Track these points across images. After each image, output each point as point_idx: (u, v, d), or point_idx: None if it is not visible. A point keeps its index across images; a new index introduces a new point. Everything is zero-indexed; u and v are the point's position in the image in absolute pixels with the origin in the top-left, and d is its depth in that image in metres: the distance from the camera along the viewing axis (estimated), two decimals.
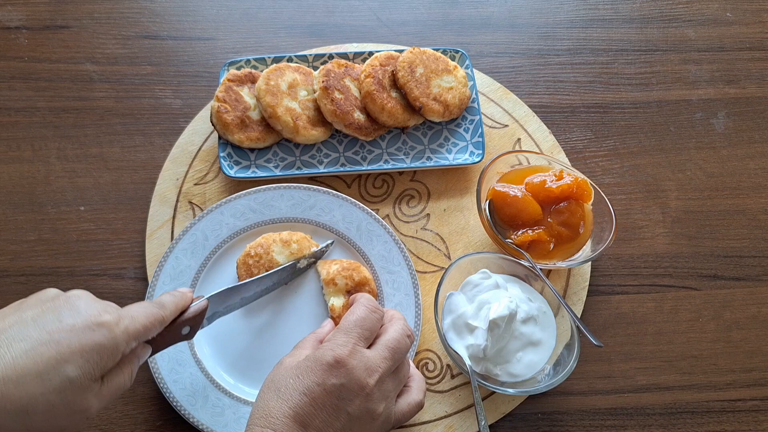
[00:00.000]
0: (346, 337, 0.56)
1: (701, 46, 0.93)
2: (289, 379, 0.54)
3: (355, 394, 0.53)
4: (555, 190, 0.72)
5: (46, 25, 0.90)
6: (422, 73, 0.81)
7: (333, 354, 0.54)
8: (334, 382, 0.53)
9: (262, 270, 0.71)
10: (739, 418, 0.72)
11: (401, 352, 0.58)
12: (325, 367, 0.53)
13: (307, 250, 0.72)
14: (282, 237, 0.73)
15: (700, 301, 0.78)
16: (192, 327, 0.59)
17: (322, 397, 0.52)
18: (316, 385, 0.53)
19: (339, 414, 0.53)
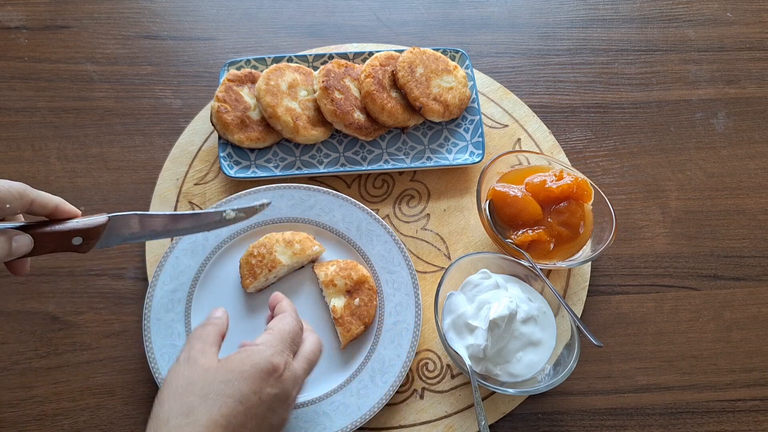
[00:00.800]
0: (281, 346, 0.55)
1: (701, 46, 0.93)
2: (218, 384, 0.51)
3: (282, 405, 0.54)
4: (555, 190, 0.72)
5: (46, 25, 0.90)
6: (422, 73, 0.81)
7: (272, 363, 0.53)
8: (269, 391, 0.52)
9: (264, 270, 0.70)
10: (739, 418, 0.72)
11: (315, 364, 0.59)
12: (264, 375, 0.52)
13: (310, 250, 0.72)
14: (285, 237, 0.72)
15: (700, 301, 0.78)
16: (85, 239, 0.59)
17: (256, 407, 0.51)
18: (252, 393, 0.51)
19: (263, 422, 0.52)
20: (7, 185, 0.54)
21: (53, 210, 0.59)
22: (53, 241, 0.58)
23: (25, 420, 0.69)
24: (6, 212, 0.55)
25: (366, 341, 0.71)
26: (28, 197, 0.56)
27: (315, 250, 0.72)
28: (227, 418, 0.49)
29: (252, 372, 0.52)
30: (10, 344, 0.73)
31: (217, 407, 0.49)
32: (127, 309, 0.74)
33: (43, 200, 0.58)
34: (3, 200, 0.54)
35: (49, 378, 0.71)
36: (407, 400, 0.71)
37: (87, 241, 0.59)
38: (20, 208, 0.56)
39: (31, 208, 0.58)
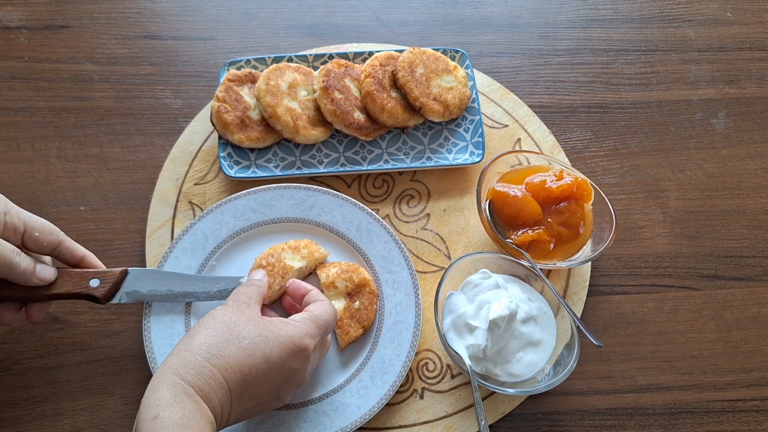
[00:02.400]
0: (317, 331, 0.59)
1: (701, 46, 0.93)
2: (255, 335, 0.54)
3: (297, 381, 0.58)
4: (555, 190, 0.72)
5: (46, 25, 0.90)
6: (422, 73, 0.81)
7: (305, 343, 0.57)
8: (293, 365, 0.56)
9: (277, 278, 0.69)
10: (739, 418, 0.72)
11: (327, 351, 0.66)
12: (296, 349, 0.56)
13: (317, 253, 0.72)
14: (289, 245, 0.72)
15: (700, 301, 0.78)
16: (102, 281, 0.63)
17: (278, 373, 0.54)
18: (279, 359, 0.54)
19: (274, 391, 0.55)
20: (41, 220, 0.61)
21: (80, 259, 0.64)
22: (71, 279, 0.63)
23: (24, 420, 0.69)
24: (34, 243, 0.61)
25: (366, 341, 0.71)
26: (57, 236, 0.62)
27: (322, 252, 0.73)
28: (250, 368, 0.52)
29: (287, 341, 0.55)
30: (10, 344, 0.72)
31: (245, 354, 0.53)
32: (127, 309, 0.74)
33: (71, 245, 0.64)
34: (33, 228, 0.60)
35: (48, 378, 0.71)
36: (407, 400, 0.71)
37: (104, 284, 0.63)
38: (47, 245, 0.62)
39: (59, 250, 0.63)
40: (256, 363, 0.53)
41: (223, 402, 0.51)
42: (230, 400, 0.52)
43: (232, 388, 0.52)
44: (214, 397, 0.50)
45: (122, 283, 0.65)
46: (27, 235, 0.60)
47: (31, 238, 0.60)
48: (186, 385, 0.49)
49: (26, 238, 0.60)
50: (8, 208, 0.59)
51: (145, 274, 0.67)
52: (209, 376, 0.50)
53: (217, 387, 0.51)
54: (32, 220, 0.61)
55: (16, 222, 0.59)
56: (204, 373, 0.50)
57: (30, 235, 0.60)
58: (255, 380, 0.53)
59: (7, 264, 0.57)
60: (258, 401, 0.55)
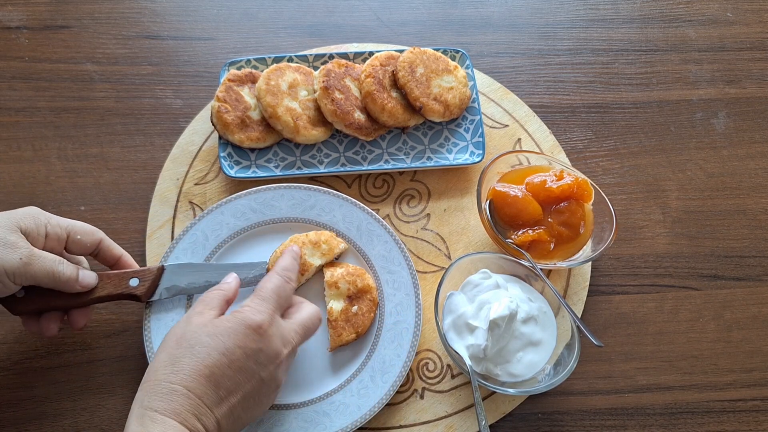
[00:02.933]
0: (266, 305, 0.58)
1: (702, 46, 0.93)
2: (205, 337, 0.54)
3: (270, 361, 0.56)
4: (555, 190, 0.72)
5: (46, 25, 0.90)
6: (422, 73, 0.81)
7: (255, 319, 0.56)
8: (253, 346, 0.55)
9: (298, 275, 0.69)
10: (740, 418, 0.72)
11: (311, 332, 0.62)
12: (248, 331, 0.55)
13: (337, 249, 0.72)
14: (310, 238, 0.72)
15: (701, 301, 0.78)
16: (141, 280, 0.64)
17: (241, 360, 0.54)
18: (236, 347, 0.54)
19: (252, 377, 0.55)
20: (80, 222, 0.64)
21: (118, 259, 0.67)
22: (111, 281, 0.65)
23: (25, 420, 0.69)
24: (78, 246, 0.63)
25: (366, 341, 0.71)
26: (98, 235, 0.65)
27: (341, 248, 0.73)
28: (210, 368, 0.52)
29: (236, 328, 0.55)
30: (11, 344, 0.72)
31: (201, 358, 0.52)
32: (128, 309, 0.74)
33: (111, 244, 0.66)
34: (75, 232, 0.62)
35: (49, 378, 0.71)
36: (407, 400, 0.71)
37: (143, 283, 0.65)
38: (90, 245, 0.64)
39: (99, 249, 0.65)
40: (214, 361, 0.53)
41: (198, 411, 0.51)
42: (206, 407, 0.52)
43: (200, 395, 0.52)
44: (183, 410, 0.50)
45: (160, 279, 0.67)
46: (70, 240, 0.62)
47: (75, 241, 0.63)
48: (150, 411, 0.50)
49: (69, 242, 0.62)
50: (49, 219, 0.61)
51: (181, 268, 0.68)
52: (171, 393, 0.51)
53: (182, 400, 0.51)
54: (73, 224, 0.63)
55: (59, 231, 0.61)
56: (165, 392, 0.51)
57: (73, 239, 0.62)
58: (222, 377, 0.53)
59: (51, 274, 0.59)
60: (241, 394, 0.54)
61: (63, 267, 0.60)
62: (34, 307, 0.63)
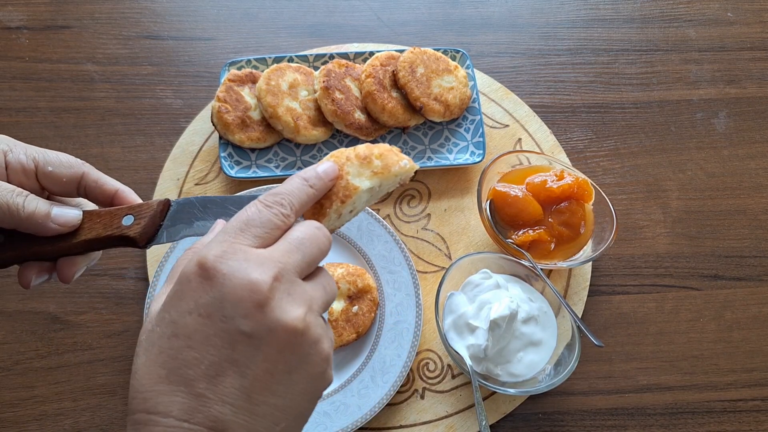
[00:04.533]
0: (220, 236, 0.39)
1: (702, 46, 0.93)
2: (156, 326, 0.37)
3: (246, 302, 0.35)
4: (556, 190, 0.72)
5: (47, 26, 0.90)
6: (423, 73, 0.81)
7: (197, 259, 0.37)
8: (207, 298, 0.36)
9: (336, 202, 0.45)
10: (740, 418, 0.72)
11: (316, 245, 0.40)
12: (191, 283, 0.36)
13: (396, 166, 0.47)
14: (359, 152, 0.47)
15: (701, 301, 0.78)
16: (136, 217, 0.48)
17: (199, 327, 0.35)
18: (186, 315, 0.36)
19: (233, 341, 0.35)
20: (55, 152, 0.48)
21: (113, 194, 0.50)
22: (101, 220, 0.49)
23: (26, 420, 0.69)
24: (52, 181, 0.48)
25: (366, 342, 0.71)
26: (78, 167, 0.49)
27: (403, 165, 0.47)
28: (164, 366, 0.36)
29: (177, 290, 0.37)
30: (11, 344, 0.73)
31: (154, 359, 0.36)
32: (128, 309, 0.74)
33: (98, 176, 0.50)
34: (46, 162, 0.47)
35: (50, 378, 0.71)
36: (408, 400, 0.71)
37: (138, 220, 0.48)
38: (68, 181, 0.48)
39: (84, 184, 0.49)
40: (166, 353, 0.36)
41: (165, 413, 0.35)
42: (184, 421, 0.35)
43: (166, 411, 0.35)
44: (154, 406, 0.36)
45: (163, 218, 0.49)
46: (40, 174, 0.47)
47: (45, 174, 0.47)
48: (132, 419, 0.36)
49: (41, 176, 0.47)
50: (12, 147, 0.47)
51: (192, 204, 0.50)
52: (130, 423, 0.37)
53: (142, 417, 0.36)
54: (44, 153, 0.48)
55: (23, 159, 0.46)
56: (134, 397, 0.37)
57: (43, 171, 0.47)
58: (185, 366, 0.35)
59: (6, 207, 0.44)
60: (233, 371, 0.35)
61: (22, 199, 0.45)
62: (15, 255, 0.48)
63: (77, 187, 0.49)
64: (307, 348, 0.37)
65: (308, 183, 0.43)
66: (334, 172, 0.45)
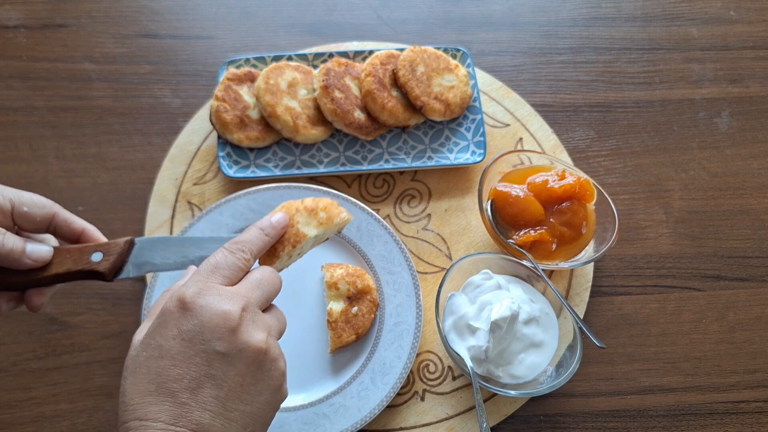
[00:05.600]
0: (196, 277, 0.47)
1: (704, 44, 0.92)
2: (141, 352, 0.45)
3: (221, 328, 0.44)
4: (557, 189, 0.72)
5: (44, 24, 0.90)
6: (423, 71, 0.80)
7: (177, 296, 0.45)
8: (188, 326, 0.44)
9: (288, 246, 0.56)
10: (743, 419, 0.72)
11: (270, 284, 0.50)
12: (173, 315, 0.44)
13: (337, 218, 0.59)
14: (306, 205, 0.58)
15: (704, 301, 0.77)
16: (105, 254, 0.55)
17: (182, 349, 0.43)
18: (170, 339, 0.44)
19: (210, 359, 0.43)
20: (29, 194, 0.55)
21: (80, 233, 0.57)
22: (71, 256, 0.55)
23: (22, 421, 0.69)
24: (27, 220, 0.54)
25: (366, 343, 0.71)
26: (50, 208, 0.55)
27: (342, 217, 0.59)
28: (154, 381, 0.43)
29: (160, 319, 0.45)
30: (8, 345, 0.72)
31: (141, 377, 0.44)
32: (125, 310, 0.74)
33: (67, 216, 0.56)
34: (21, 203, 0.53)
35: (47, 379, 0.71)
36: (408, 402, 0.70)
37: (107, 257, 0.55)
38: (41, 220, 0.55)
39: (55, 224, 0.56)
40: (154, 370, 0.43)
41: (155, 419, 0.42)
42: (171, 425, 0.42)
43: (155, 416, 0.42)
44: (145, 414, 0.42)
45: (128, 254, 0.56)
46: (16, 213, 0.53)
47: (21, 214, 0.53)
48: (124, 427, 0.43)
49: (16, 216, 0.53)
50: None
51: (153, 242, 0.57)
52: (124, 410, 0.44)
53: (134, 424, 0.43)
54: (19, 195, 0.54)
55: (0, 200, 0.52)
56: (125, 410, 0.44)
57: (18, 211, 0.53)
58: (171, 381, 0.43)
59: None
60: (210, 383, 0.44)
61: (3, 238, 0.51)
62: None
63: (47, 225, 0.56)
64: (269, 364, 0.46)
65: (264, 232, 0.53)
66: (285, 221, 0.56)
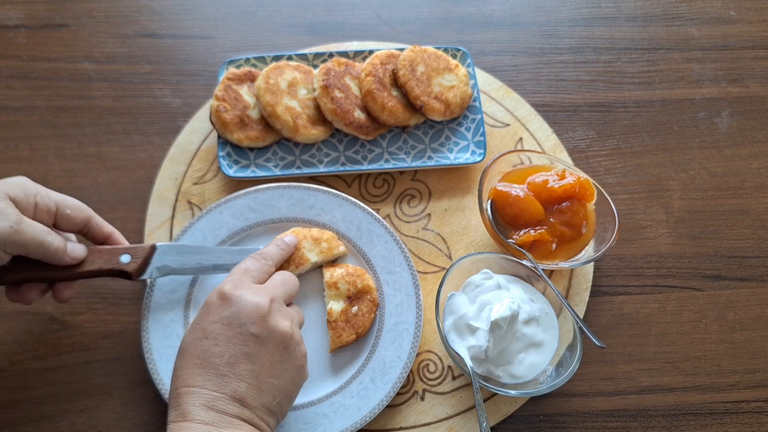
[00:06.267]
0: (231, 277, 0.59)
1: (705, 44, 0.92)
2: (189, 335, 0.55)
3: (252, 316, 0.55)
4: (557, 189, 0.72)
5: (44, 24, 0.90)
6: (423, 71, 0.80)
7: (217, 291, 0.56)
8: (227, 313, 0.55)
9: (291, 266, 0.70)
10: (743, 419, 0.72)
11: (291, 283, 0.62)
12: (215, 305, 0.55)
13: (336, 250, 0.72)
14: (313, 234, 0.72)
15: (704, 301, 0.77)
16: (133, 257, 0.64)
17: (222, 331, 0.54)
18: (212, 324, 0.54)
19: (244, 339, 0.54)
20: (71, 198, 0.63)
21: (108, 236, 0.66)
22: (102, 256, 0.64)
23: (22, 421, 0.69)
24: (67, 221, 0.62)
25: (366, 343, 0.71)
26: (88, 212, 0.64)
27: (340, 250, 0.72)
28: (199, 356, 0.53)
29: (204, 310, 0.56)
30: (8, 345, 0.72)
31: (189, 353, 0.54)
32: (126, 310, 0.74)
33: (100, 221, 0.65)
34: (65, 206, 0.61)
35: (47, 379, 0.71)
36: (408, 402, 0.70)
37: (135, 260, 0.64)
38: (79, 222, 0.63)
39: (89, 227, 0.64)
40: (200, 348, 0.53)
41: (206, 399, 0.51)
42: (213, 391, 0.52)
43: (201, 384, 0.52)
44: (190, 409, 0.51)
45: (151, 258, 0.66)
46: (59, 214, 0.61)
47: (64, 216, 0.61)
48: (168, 425, 0.52)
49: (59, 217, 0.61)
50: (38, 190, 0.60)
51: (173, 248, 0.68)
52: (176, 398, 0.52)
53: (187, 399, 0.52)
54: (63, 198, 0.62)
55: (48, 202, 0.60)
56: (173, 401, 0.53)
57: (62, 213, 0.61)
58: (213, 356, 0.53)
59: (40, 244, 0.58)
60: (246, 360, 0.53)
61: (52, 237, 0.59)
62: (20, 277, 0.62)
63: (83, 227, 0.64)
64: (293, 346, 0.57)
65: (280, 247, 0.67)
66: (296, 242, 0.70)
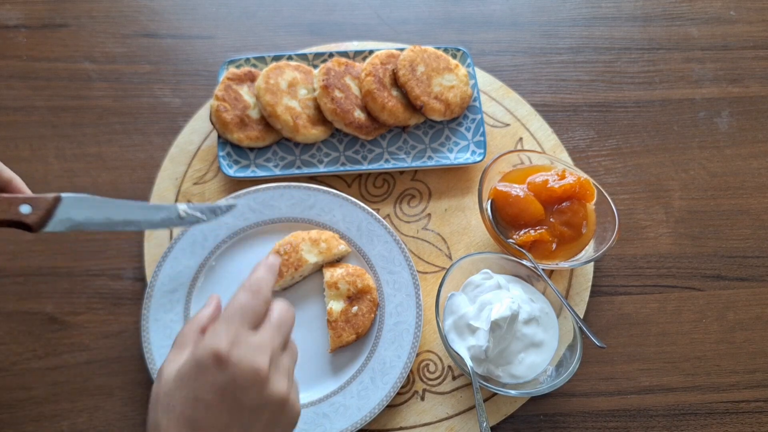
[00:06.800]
0: (226, 326, 0.49)
1: (705, 44, 0.92)
2: (176, 390, 0.48)
3: (250, 383, 0.48)
4: (557, 189, 0.72)
5: (44, 24, 0.90)
6: (423, 71, 0.80)
7: (212, 350, 0.48)
8: (222, 381, 0.47)
9: (291, 269, 0.70)
10: (743, 419, 0.72)
11: (287, 324, 0.54)
12: (209, 367, 0.47)
13: (336, 249, 0.72)
14: (311, 236, 0.72)
15: (704, 301, 0.77)
16: (34, 208, 0.58)
17: (216, 400, 0.47)
18: (206, 392, 0.47)
19: (241, 411, 0.48)
20: None
21: (7, 182, 0.59)
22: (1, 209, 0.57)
23: (23, 421, 0.69)
24: None
25: (366, 343, 0.71)
26: None
27: (341, 249, 0.72)
28: (189, 419, 0.47)
29: (196, 370, 0.48)
30: (8, 345, 0.72)
31: (178, 412, 0.47)
32: (126, 309, 0.74)
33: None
34: None
35: (47, 379, 0.71)
36: (408, 402, 0.70)
37: (36, 211, 0.58)
38: None
39: None
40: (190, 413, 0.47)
41: None
42: None
43: None
44: None
45: (55, 210, 0.59)
46: None
47: None
48: None
49: None
50: None
51: (81, 201, 0.61)
52: None
53: None
54: None
55: None
56: None
57: None
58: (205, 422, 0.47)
59: None
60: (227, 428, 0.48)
61: None
62: None
63: None
64: (288, 408, 0.51)
65: (271, 271, 0.56)
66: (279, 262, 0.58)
